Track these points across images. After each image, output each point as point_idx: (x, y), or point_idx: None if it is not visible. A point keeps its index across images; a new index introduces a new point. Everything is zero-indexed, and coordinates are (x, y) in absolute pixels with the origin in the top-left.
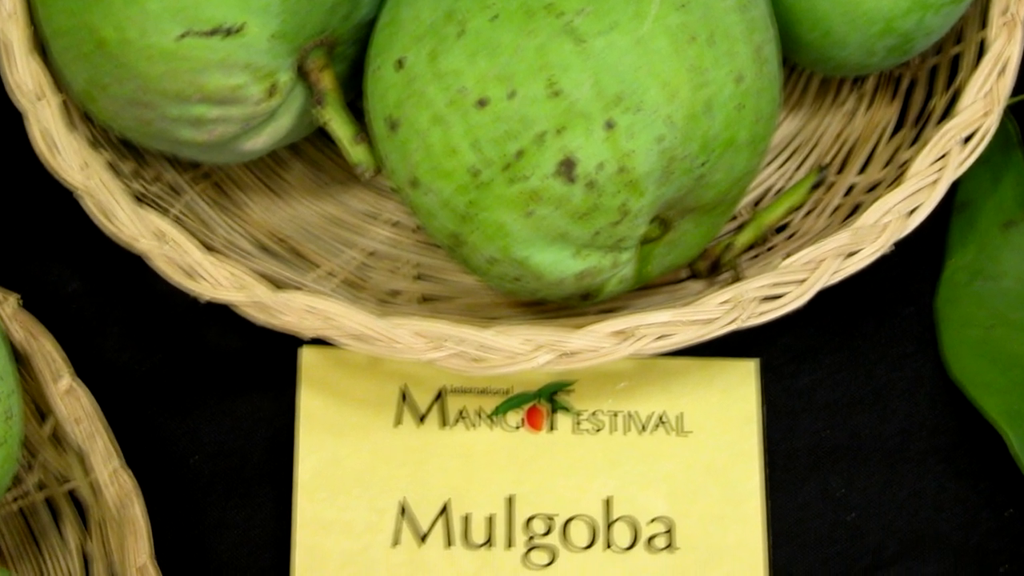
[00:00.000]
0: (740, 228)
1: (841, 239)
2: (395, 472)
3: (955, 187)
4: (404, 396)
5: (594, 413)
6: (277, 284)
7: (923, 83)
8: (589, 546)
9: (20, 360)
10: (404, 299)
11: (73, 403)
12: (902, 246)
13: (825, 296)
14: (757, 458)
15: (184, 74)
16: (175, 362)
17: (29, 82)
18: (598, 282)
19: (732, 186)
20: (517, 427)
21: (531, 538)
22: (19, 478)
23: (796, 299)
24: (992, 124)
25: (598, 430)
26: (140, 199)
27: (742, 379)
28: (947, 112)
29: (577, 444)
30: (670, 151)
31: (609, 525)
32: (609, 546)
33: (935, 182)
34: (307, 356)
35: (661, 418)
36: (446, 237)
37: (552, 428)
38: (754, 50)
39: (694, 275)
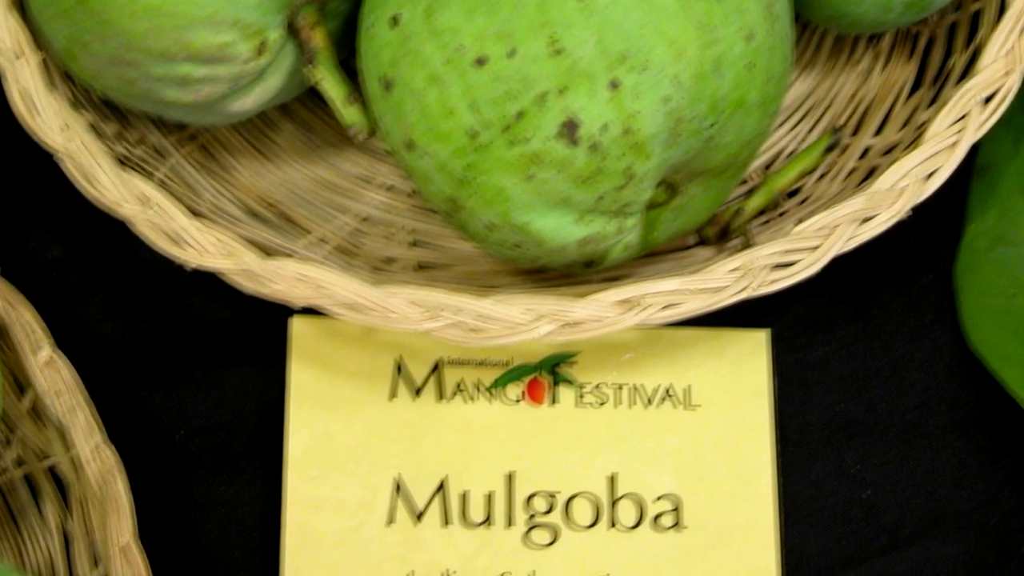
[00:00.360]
0: (750, 192)
1: (856, 204)
2: (390, 448)
3: (975, 149)
4: (399, 368)
5: (598, 386)
6: (266, 251)
7: (942, 41)
8: (592, 524)
9: None
10: (399, 266)
11: (53, 375)
12: (920, 211)
13: (839, 264)
14: (768, 433)
15: (169, 31)
16: (160, 333)
17: (7, 40)
18: (602, 249)
19: (742, 149)
20: (517, 400)
21: (532, 516)
22: None
23: (809, 267)
24: (1014, 84)
25: (602, 404)
26: (123, 162)
27: (752, 350)
28: (967, 71)
29: (580, 418)
30: (677, 112)
31: (613, 503)
32: (613, 525)
33: (954, 144)
34: (298, 326)
35: (668, 391)
36: (443, 202)
37: (554, 401)
38: (765, 6)
39: (702, 242)
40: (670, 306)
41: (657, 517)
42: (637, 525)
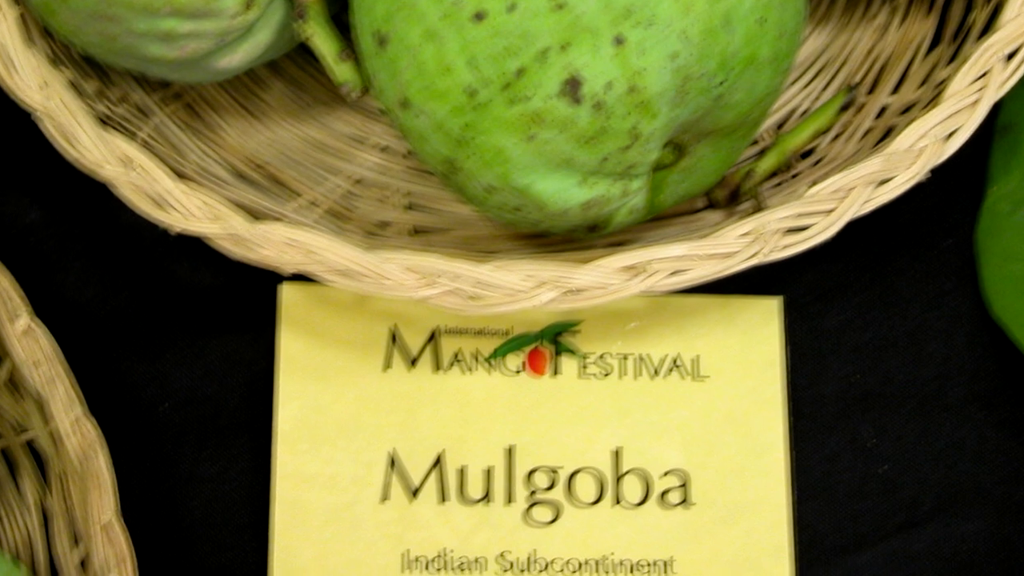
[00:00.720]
0: (762, 153)
1: (872, 166)
2: (384, 421)
3: (997, 109)
4: (394, 337)
5: (602, 356)
6: (254, 215)
7: None
8: (596, 501)
9: None
10: (394, 231)
11: (31, 345)
12: (939, 173)
13: (855, 228)
14: (780, 405)
15: None
16: (143, 300)
17: None
18: (606, 212)
19: (753, 107)
20: (517, 371)
21: (533, 493)
22: None
23: (823, 231)
24: None
25: (606, 375)
26: (105, 121)
27: (764, 318)
28: (988, 26)
29: (583, 390)
30: (685, 69)
31: (618, 479)
32: (618, 501)
33: (975, 103)
34: (287, 294)
35: (675, 361)
36: (440, 163)
37: (556, 372)
38: None
39: (711, 205)
40: (678, 272)
41: (664, 493)
42: (643, 502)
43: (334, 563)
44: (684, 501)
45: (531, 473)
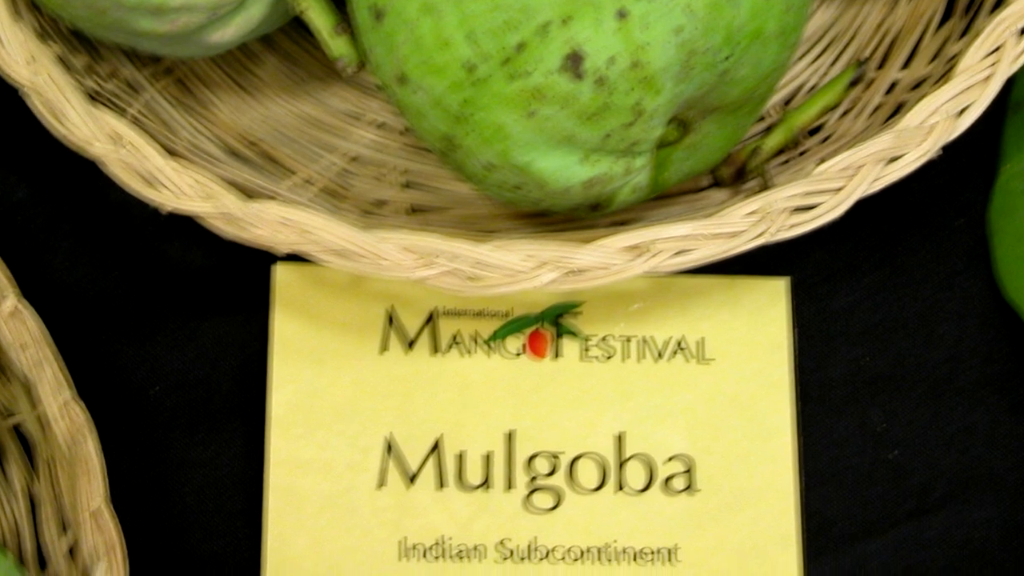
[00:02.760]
0: (769, 130)
1: (882, 143)
2: (380, 405)
3: (1010, 84)
4: (391, 319)
5: (604, 338)
6: (248, 193)
7: None
8: (599, 487)
9: None
10: (391, 210)
11: (18, 327)
12: (951, 150)
13: (864, 207)
14: (787, 389)
15: None
16: (133, 281)
17: None
18: (609, 191)
19: (760, 83)
20: (518, 354)
21: (533, 479)
22: None
23: (832, 210)
24: None
25: (609, 357)
26: (94, 97)
27: (771, 300)
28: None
29: (585, 373)
30: (690, 44)
31: (621, 464)
32: (621, 487)
33: (988, 79)
34: (281, 274)
35: (680, 344)
36: (438, 140)
37: (557, 355)
38: None
39: (717, 183)
40: (682, 252)
41: (668, 479)
42: (646, 488)
43: (329, 551)
44: (689, 487)
45: (532, 458)
